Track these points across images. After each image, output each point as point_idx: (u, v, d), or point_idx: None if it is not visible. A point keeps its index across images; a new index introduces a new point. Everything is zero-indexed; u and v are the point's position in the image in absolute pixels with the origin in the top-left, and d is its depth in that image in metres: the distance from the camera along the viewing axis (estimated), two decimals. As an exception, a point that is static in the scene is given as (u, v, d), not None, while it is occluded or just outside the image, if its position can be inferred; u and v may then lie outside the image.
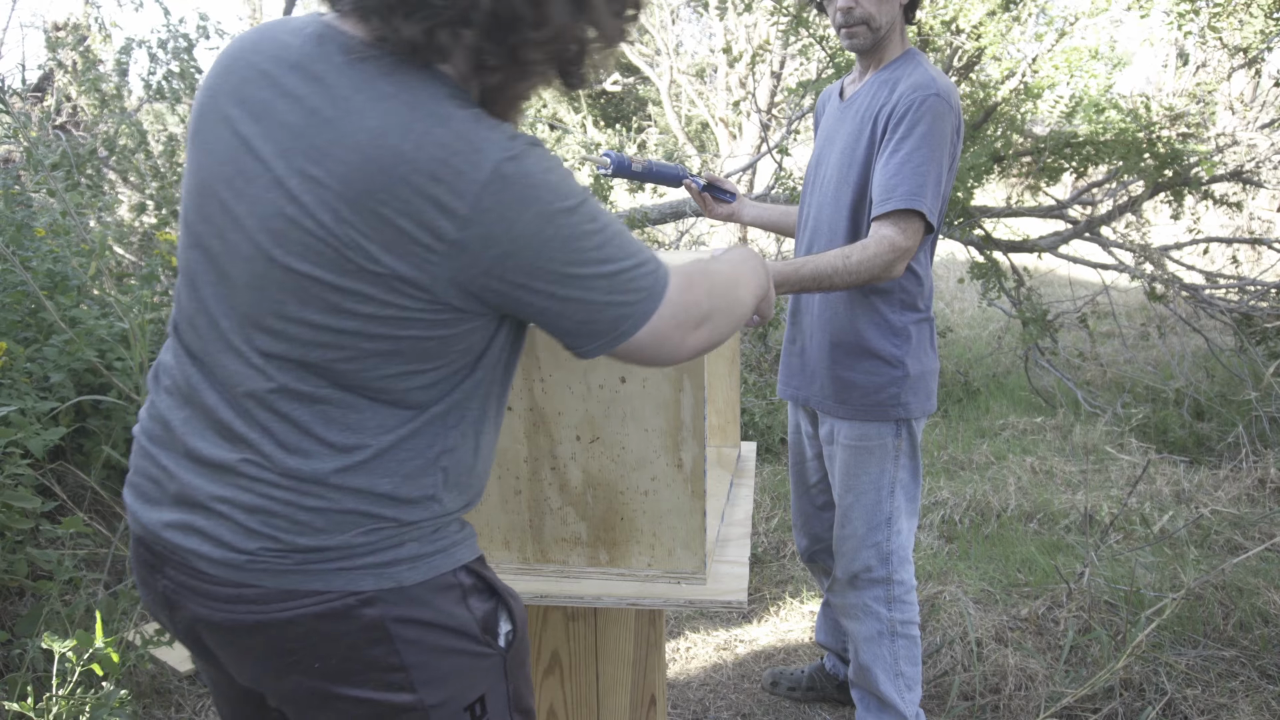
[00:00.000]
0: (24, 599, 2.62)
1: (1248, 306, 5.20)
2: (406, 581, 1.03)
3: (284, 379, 0.98)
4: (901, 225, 1.81)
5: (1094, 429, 4.63)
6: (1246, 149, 4.84)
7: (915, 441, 2.04)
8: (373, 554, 1.01)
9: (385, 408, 1.01)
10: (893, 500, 2.05)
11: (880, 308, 1.97)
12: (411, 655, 1.03)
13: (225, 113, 1.00)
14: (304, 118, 0.94)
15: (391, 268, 0.93)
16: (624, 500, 1.45)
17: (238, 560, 0.99)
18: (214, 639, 1.04)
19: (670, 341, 1.07)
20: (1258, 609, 2.75)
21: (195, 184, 1.03)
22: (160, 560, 1.05)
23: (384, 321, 0.96)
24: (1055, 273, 7.74)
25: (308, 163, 0.93)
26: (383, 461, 1.01)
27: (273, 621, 1.00)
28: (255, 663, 1.04)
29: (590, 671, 1.62)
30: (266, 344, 0.98)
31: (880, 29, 1.92)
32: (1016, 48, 4.75)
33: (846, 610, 2.15)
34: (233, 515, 0.99)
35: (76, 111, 5.55)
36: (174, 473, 1.03)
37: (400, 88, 0.94)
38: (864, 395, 1.99)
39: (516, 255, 0.94)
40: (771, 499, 3.78)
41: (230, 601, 1.00)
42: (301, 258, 0.95)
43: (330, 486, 0.99)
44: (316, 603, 0.99)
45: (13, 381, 2.72)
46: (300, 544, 0.99)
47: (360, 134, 0.92)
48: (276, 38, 1.00)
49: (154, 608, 1.11)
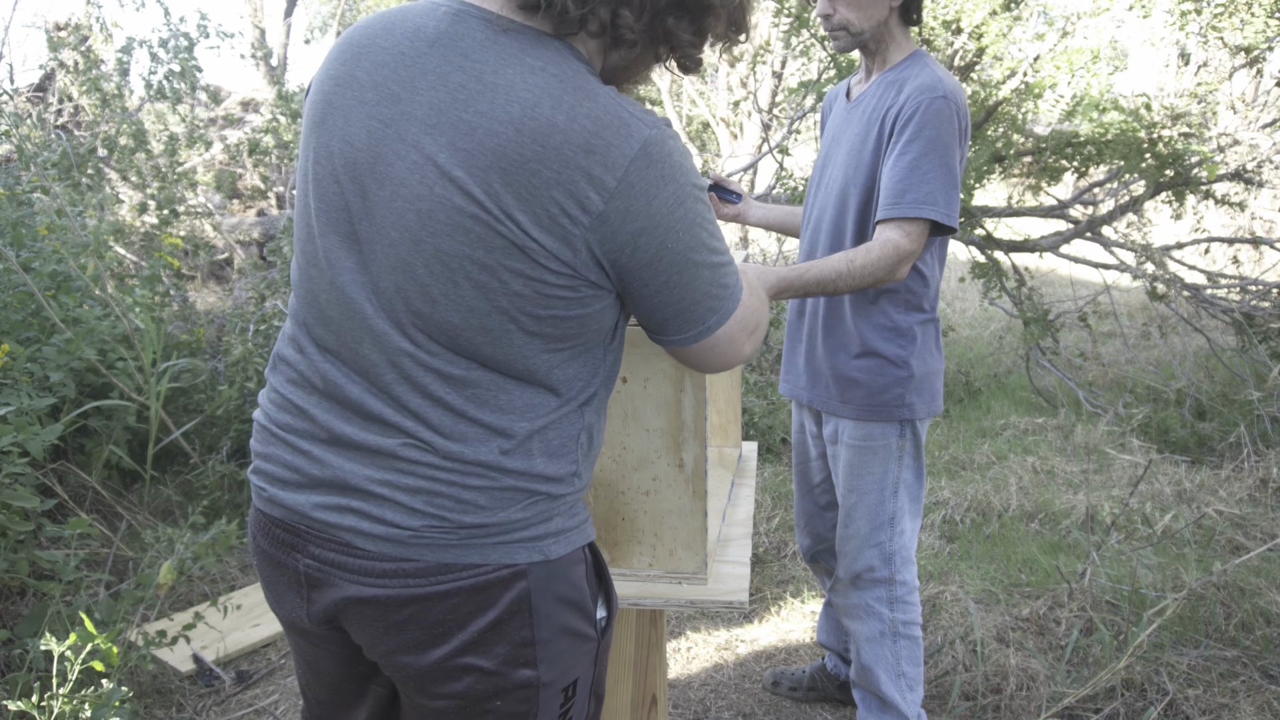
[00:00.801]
0: (25, 599, 2.62)
1: (1249, 306, 5.20)
2: (553, 555, 1.07)
3: (435, 363, 1.01)
4: (906, 229, 1.81)
5: (1095, 429, 4.62)
6: (1248, 149, 4.84)
7: (919, 442, 2.04)
8: (528, 528, 1.05)
9: (532, 389, 1.04)
10: (896, 500, 2.04)
11: (886, 308, 1.97)
12: (543, 630, 1.07)
13: (359, 98, 1.00)
14: (450, 94, 0.96)
15: (540, 240, 0.95)
16: (625, 500, 1.45)
17: (402, 536, 1.02)
18: (360, 614, 1.06)
19: (735, 343, 1.13)
20: (1259, 609, 2.74)
21: (325, 172, 1.03)
22: (304, 540, 1.06)
23: (529, 300, 0.98)
24: (1056, 273, 7.74)
25: (458, 136, 0.94)
26: (537, 442, 1.05)
27: (428, 595, 1.02)
28: (397, 637, 1.05)
29: (591, 671, 1.61)
30: (415, 329, 1.00)
31: (862, 33, 1.91)
32: (1018, 47, 4.74)
33: (848, 610, 2.15)
34: (395, 497, 1.02)
35: (78, 111, 5.56)
36: (321, 458, 1.05)
37: (547, 62, 0.96)
38: (868, 395, 1.99)
39: (650, 232, 0.98)
40: (772, 499, 3.78)
41: (387, 576, 1.02)
42: (450, 236, 0.96)
43: (492, 468, 1.02)
44: (473, 575, 1.03)
45: (14, 381, 2.72)
46: (466, 521, 1.02)
47: (513, 106, 0.93)
48: (407, 20, 1.02)
49: (284, 590, 1.12)
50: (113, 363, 3.23)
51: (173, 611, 2.86)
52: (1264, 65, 5.16)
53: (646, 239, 0.98)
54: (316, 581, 1.07)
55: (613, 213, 0.95)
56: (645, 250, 0.99)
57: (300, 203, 1.08)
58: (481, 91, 0.95)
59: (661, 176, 0.97)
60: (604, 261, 0.99)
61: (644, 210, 0.97)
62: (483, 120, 0.94)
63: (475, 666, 1.05)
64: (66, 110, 5.60)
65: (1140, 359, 5.87)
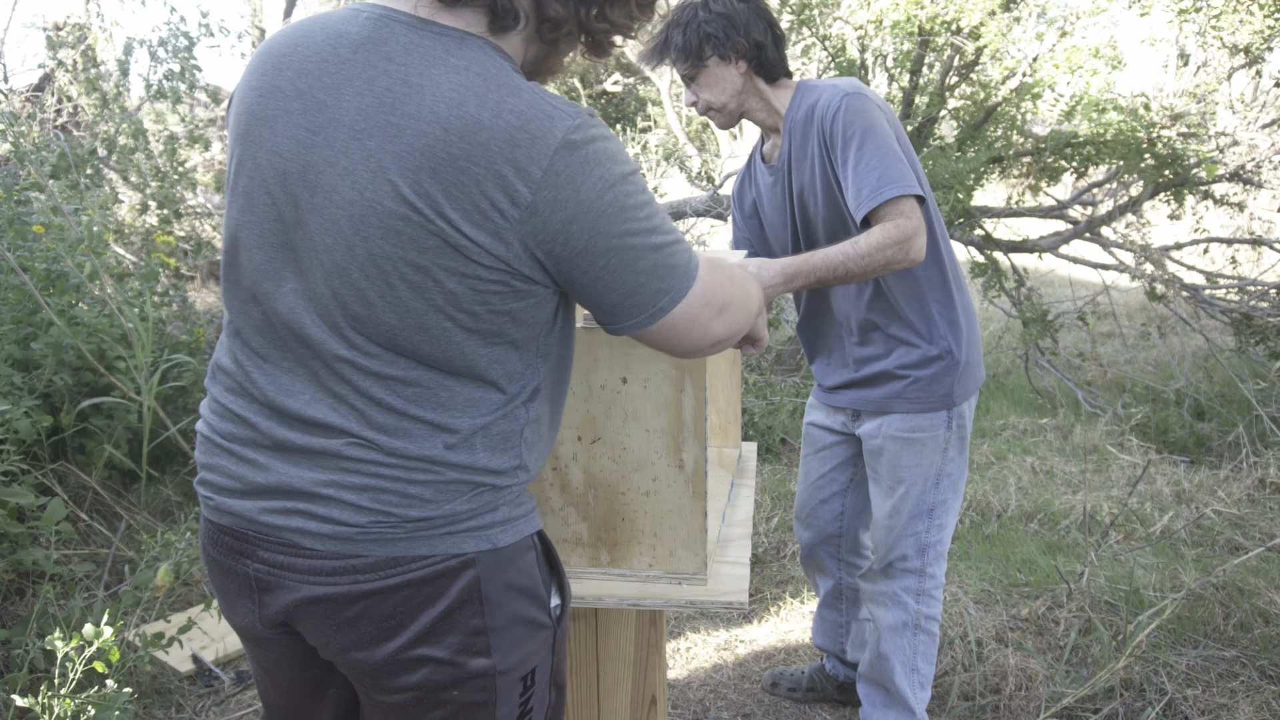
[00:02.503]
0: (24, 599, 2.62)
1: (1248, 306, 5.20)
2: (501, 543, 1.09)
3: (375, 365, 1.02)
4: (892, 211, 1.80)
5: (1094, 429, 4.62)
6: (1247, 149, 4.84)
7: (965, 426, 2.06)
8: (474, 518, 1.07)
9: (473, 385, 1.05)
10: (936, 492, 2.06)
11: (922, 303, 1.99)
12: (495, 618, 1.09)
13: (284, 107, 1.01)
14: (376, 98, 0.97)
15: (472, 237, 0.97)
16: (625, 501, 1.45)
17: (349, 533, 1.03)
18: (312, 614, 1.07)
19: (699, 322, 1.11)
20: (1258, 609, 2.75)
21: (256, 185, 1.04)
22: (252, 545, 1.08)
23: (464, 297, 1.00)
24: (1055, 273, 7.74)
25: (386, 140, 0.96)
26: (480, 437, 1.06)
27: (378, 589, 1.04)
28: (350, 634, 1.06)
29: (591, 672, 1.62)
30: (353, 332, 1.01)
31: (729, 108, 1.99)
32: (1017, 47, 4.75)
33: (876, 596, 2.17)
34: (341, 496, 1.03)
35: (76, 111, 5.55)
36: (266, 465, 1.06)
37: (470, 61, 0.98)
38: (919, 387, 2.01)
39: (580, 219, 0.99)
40: (772, 499, 3.78)
41: (336, 574, 1.04)
42: (383, 239, 0.97)
43: (437, 462, 1.04)
44: (422, 567, 1.04)
45: (5, 374, 2.71)
46: (412, 515, 1.04)
47: (439, 106, 0.95)
48: (329, 27, 1.03)
49: (235, 596, 1.13)
50: (111, 362, 3.22)
51: (171, 612, 2.86)
52: (1263, 65, 5.16)
53: (578, 227, 0.99)
54: (267, 585, 1.08)
55: (541, 204, 0.96)
56: (578, 238, 0.99)
57: (230, 216, 1.08)
58: (408, 94, 0.96)
59: (586, 163, 0.98)
60: (539, 254, 1.00)
61: (572, 198, 0.97)
62: (410, 122, 0.95)
63: (430, 657, 1.07)
64: (65, 110, 5.60)
65: (1139, 359, 5.88)
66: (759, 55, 1.95)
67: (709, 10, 1.92)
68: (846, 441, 2.22)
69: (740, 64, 1.95)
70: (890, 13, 4.63)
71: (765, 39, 1.94)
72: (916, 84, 5.13)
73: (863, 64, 5.05)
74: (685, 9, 1.94)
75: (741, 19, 1.92)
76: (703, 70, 1.95)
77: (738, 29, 1.92)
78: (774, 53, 1.97)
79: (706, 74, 1.95)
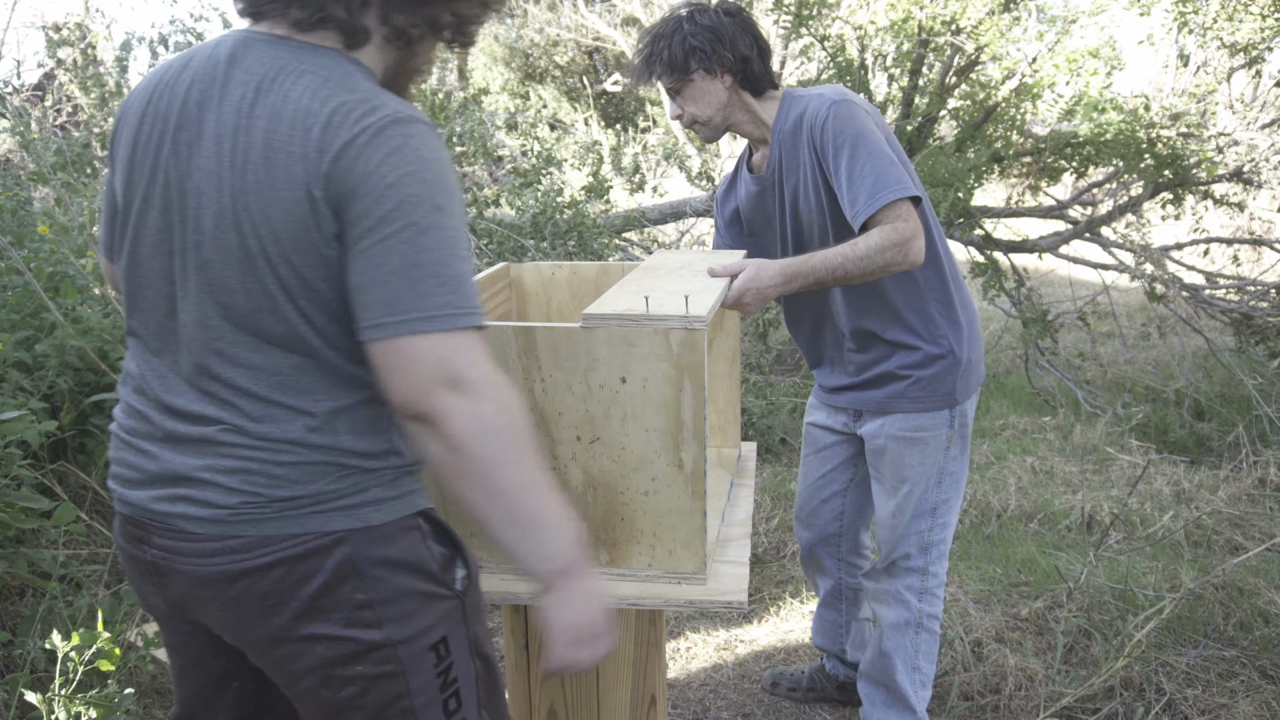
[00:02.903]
0: (25, 599, 2.62)
1: (1248, 307, 5.20)
2: (374, 521, 1.13)
3: (240, 354, 1.09)
4: (889, 215, 1.80)
5: (1094, 429, 4.63)
6: (1247, 149, 4.84)
7: (967, 424, 2.06)
8: (343, 498, 1.12)
9: (331, 371, 1.11)
10: (939, 491, 2.06)
11: (923, 305, 1.99)
12: (378, 591, 1.12)
13: (163, 128, 1.11)
14: (234, 107, 1.07)
15: (303, 216, 1.04)
16: (624, 500, 1.45)
17: (222, 515, 1.10)
18: (201, 597, 1.14)
19: (423, 371, 1.01)
20: (1258, 609, 2.75)
21: (149, 203, 1.13)
22: (147, 532, 1.15)
23: (312, 279, 1.07)
24: (1055, 273, 7.74)
25: (238, 139, 1.06)
26: (343, 420, 1.12)
27: (254, 567, 1.10)
28: (238, 613, 1.13)
29: (591, 672, 1.62)
30: (221, 322, 1.09)
31: (715, 122, 1.99)
32: (1017, 47, 4.75)
33: (878, 595, 2.17)
34: (215, 479, 1.10)
35: (76, 111, 5.55)
36: (157, 455, 1.14)
37: (318, 66, 1.08)
38: (921, 387, 2.01)
39: (365, 195, 1.03)
40: (771, 499, 3.78)
41: (215, 554, 1.10)
42: (236, 230, 1.06)
43: (300, 444, 1.10)
44: (294, 544, 1.10)
45: (14, 378, 2.72)
46: (279, 495, 1.10)
47: (283, 105, 1.05)
48: (203, 51, 1.14)
49: (141, 581, 1.21)
50: (114, 362, 3.22)
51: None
52: (1263, 65, 5.16)
53: (362, 202, 1.02)
54: (161, 569, 1.15)
55: (338, 171, 1.03)
56: (363, 213, 1.03)
57: (128, 230, 1.16)
58: (258, 99, 1.06)
59: (393, 152, 1.03)
60: (337, 224, 1.05)
61: (362, 171, 1.02)
62: (258, 122, 1.05)
63: (321, 634, 1.11)
64: (65, 110, 5.60)
65: (1139, 359, 5.88)
66: (745, 69, 1.94)
67: (694, 23, 1.92)
68: (847, 441, 2.22)
69: (726, 78, 1.95)
70: (889, 12, 4.63)
71: (751, 52, 1.94)
72: (916, 84, 5.14)
73: (862, 64, 5.05)
74: (669, 22, 1.94)
75: (727, 32, 1.92)
76: (688, 84, 1.94)
77: (723, 43, 1.91)
78: (760, 66, 1.96)
79: (692, 88, 1.95)
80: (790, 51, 6.41)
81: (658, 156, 8.15)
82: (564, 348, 1.40)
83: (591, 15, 10.94)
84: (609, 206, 5.17)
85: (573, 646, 1.10)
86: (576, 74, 12.75)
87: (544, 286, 2.12)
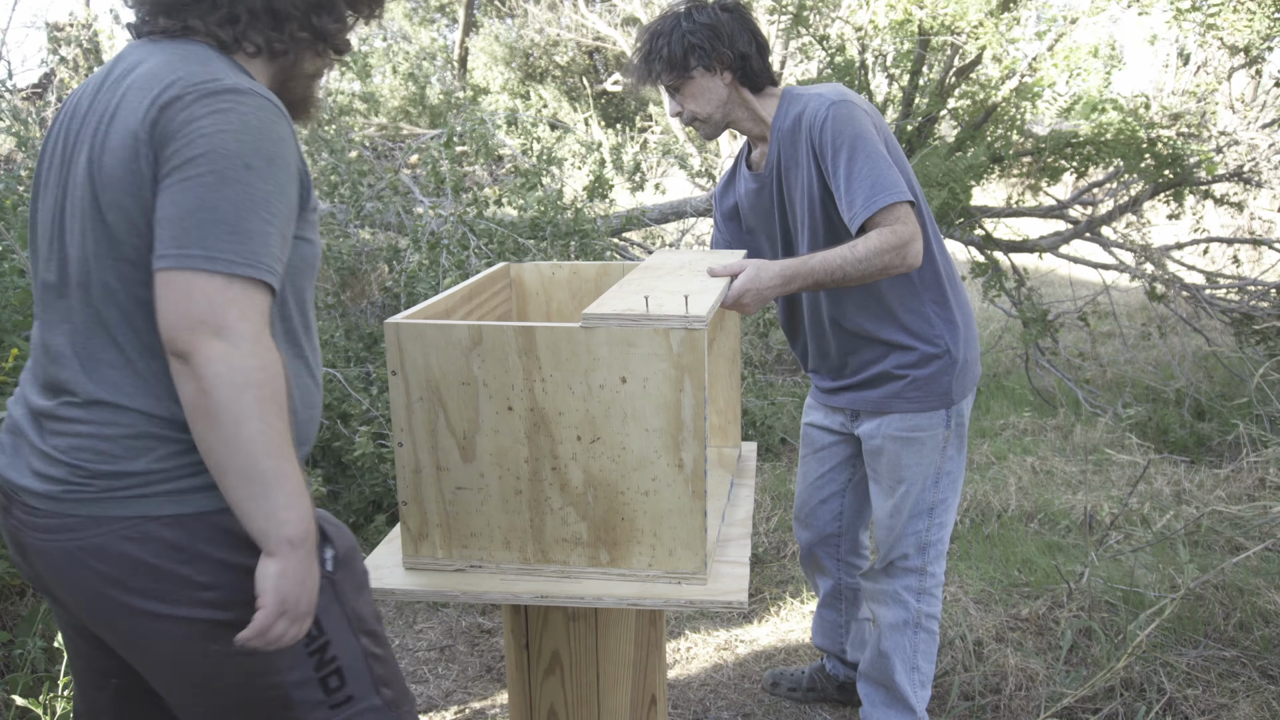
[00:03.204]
0: (25, 599, 2.62)
1: (1248, 306, 5.20)
2: (206, 507, 1.12)
3: (85, 318, 1.12)
4: (887, 217, 1.80)
5: (1094, 429, 4.62)
6: (1247, 149, 4.84)
7: (964, 423, 2.06)
8: (170, 481, 1.11)
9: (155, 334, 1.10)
10: (936, 490, 2.06)
11: (919, 304, 1.99)
12: (221, 574, 1.12)
13: (69, 127, 1.18)
14: (108, 91, 1.14)
15: (143, 176, 1.08)
16: (625, 500, 1.45)
17: (54, 491, 1.11)
18: (48, 571, 1.15)
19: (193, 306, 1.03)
20: (1258, 609, 2.75)
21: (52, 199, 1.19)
22: (10, 502, 1.17)
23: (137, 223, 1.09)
24: (1055, 273, 7.74)
25: (104, 116, 1.12)
26: (160, 382, 1.11)
27: (89, 547, 1.10)
28: (83, 591, 1.13)
29: (591, 672, 1.62)
30: (77, 286, 1.13)
31: (715, 119, 1.98)
32: (1016, 47, 4.75)
33: (877, 595, 2.17)
34: (52, 453, 1.12)
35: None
36: (22, 428, 1.18)
37: (182, 48, 1.15)
38: (918, 387, 2.01)
39: (179, 138, 1.06)
40: (772, 499, 3.78)
41: (54, 531, 1.12)
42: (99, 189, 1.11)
43: (121, 409, 1.10)
44: (123, 527, 1.10)
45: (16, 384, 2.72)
46: (102, 470, 1.10)
47: (139, 75, 1.12)
48: (92, 79, 1.21)
49: (13, 551, 1.22)
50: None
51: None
52: (1263, 65, 5.16)
53: (175, 143, 1.06)
54: (19, 540, 1.17)
55: (163, 119, 1.07)
56: (174, 153, 1.06)
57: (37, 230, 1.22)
58: (121, 78, 1.13)
59: (218, 111, 1.07)
60: (155, 168, 1.08)
61: (184, 119, 1.06)
62: (116, 97, 1.12)
63: (169, 615, 1.11)
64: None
65: (1139, 359, 5.87)
66: (744, 65, 1.94)
67: (693, 20, 1.91)
68: (845, 441, 2.22)
69: (725, 74, 1.95)
70: (889, 13, 4.63)
71: (750, 49, 1.93)
72: (916, 84, 5.14)
73: (862, 64, 5.05)
74: (668, 19, 1.94)
75: (726, 29, 1.91)
76: (688, 81, 1.94)
77: (722, 39, 1.91)
78: (759, 63, 1.96)
79: (691, 85, 1.94)
80: (790, 51, 6.41)
81: (658, 155, 8.15)
82: (564, 347, 1.40)
83: (591, 15, 10.93)
84: (610, 206, 5.16)
85: (280, 619, 1.08)
86: (577, 74, 12.75)
87: (544, 286, 2.12)
